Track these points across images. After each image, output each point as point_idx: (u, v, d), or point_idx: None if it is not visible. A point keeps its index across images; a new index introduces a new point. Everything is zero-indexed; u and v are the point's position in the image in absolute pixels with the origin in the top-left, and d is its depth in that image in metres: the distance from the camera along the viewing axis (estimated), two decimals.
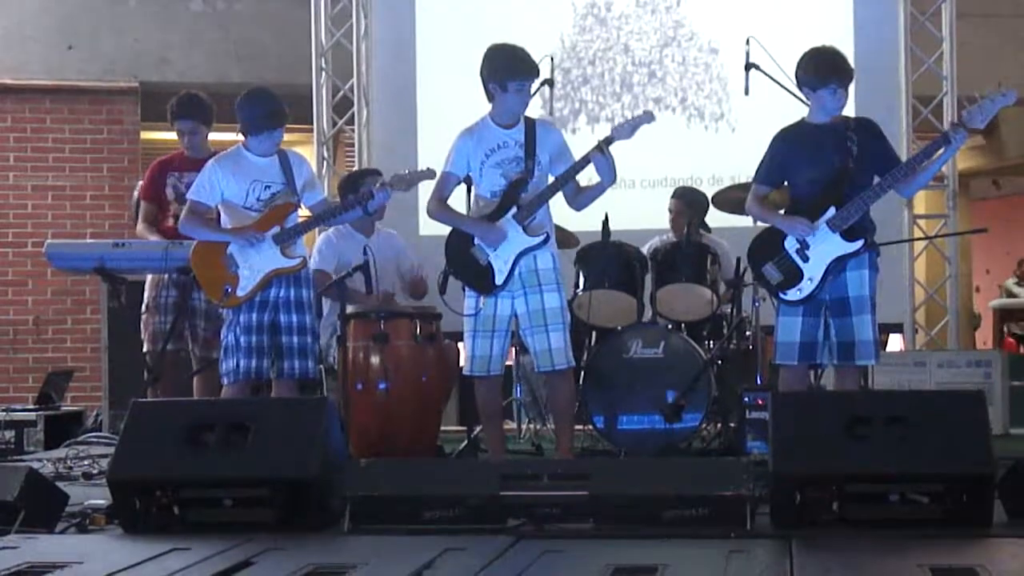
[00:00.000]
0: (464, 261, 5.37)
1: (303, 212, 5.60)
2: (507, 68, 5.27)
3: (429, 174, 5.57)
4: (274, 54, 10.14)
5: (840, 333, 5.08)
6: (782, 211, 5.27)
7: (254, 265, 5.38)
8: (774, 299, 5.24)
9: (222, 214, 5.51)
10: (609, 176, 5.27)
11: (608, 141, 5.24)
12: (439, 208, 5.42)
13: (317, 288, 6.03)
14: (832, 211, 5.04)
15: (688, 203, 6.91)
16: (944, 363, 7.50)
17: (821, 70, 5.09)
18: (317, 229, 6.11)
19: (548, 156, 5.35)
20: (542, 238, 5.30)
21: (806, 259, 5.09)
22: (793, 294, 5.12)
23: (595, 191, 5.40)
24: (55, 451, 6.52)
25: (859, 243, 5.05)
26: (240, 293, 5.38)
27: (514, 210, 5.28)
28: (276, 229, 5.40)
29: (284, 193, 5.45)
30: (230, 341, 5.42)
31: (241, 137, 5.54)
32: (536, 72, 5.38)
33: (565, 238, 6.30)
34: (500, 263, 5.30)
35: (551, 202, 5.39)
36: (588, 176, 5.38)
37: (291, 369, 5.42)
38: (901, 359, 7.67)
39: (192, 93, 6.37)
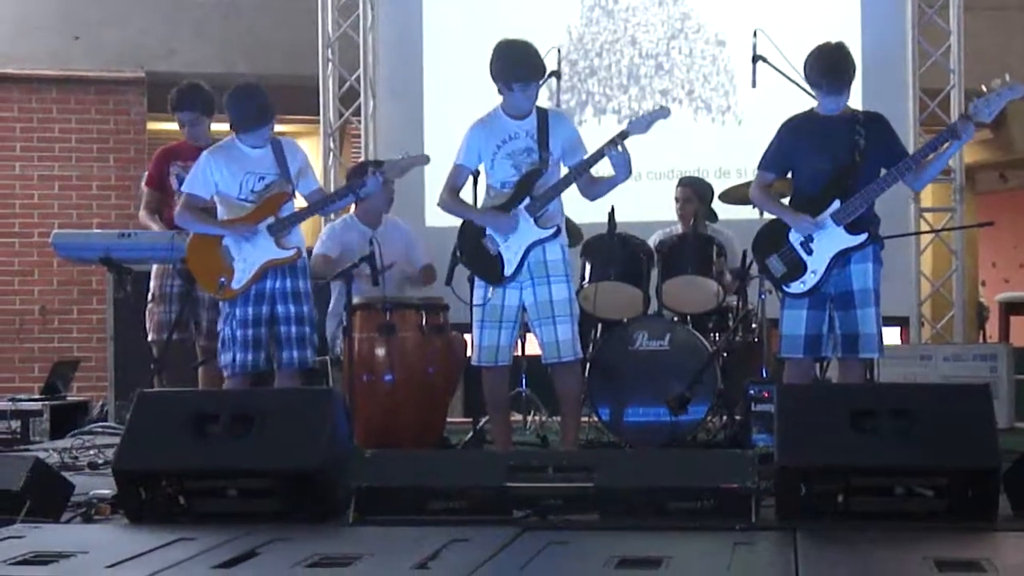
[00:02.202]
0: (475, 251, 5.36)
1: (301, 201, 5.58)
2: (512, 70, 5.23)
3: (423, 159, 5.58)
4: (281, 45, 10.11)
5: (844, 326, 5.08)
6: (786, 199, 5.26)
7: (248, 257, 5.39)
8: (778, 292, 5.23)
9: (218, 206, 5.50)
10: (624, 171, 5.23)
11: (623, 135, 5.20)
12: (452, 200, 5.41)
13: (317, 272, 6.00)
14: (837, 204, 5.03)
15: (696, 191, 6.89)
16: (950, 356, 7.51)
17: (815, 72, 5.08)
18: (323, 218, 6.09)
19: (561, 148, 5.32)
20: (552, 230, 5.29)
21: (810, 252, 5.08)
22: (796, 287, 5.12)
23: (608, 184, 5.36)
24: (61, 441, 6.54)
25: (863, 236, 5.05)
26: (235, 285, 5.39)
27: (527, 201, 5.27)
28: (271, 219, 5.40)
29: (278, 183, 5.44)
30: (227, 335, 5.43)
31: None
32: (542, 72, 5.35)
33: (571, 233, 6.27)
34: (510, 254, 5.28)
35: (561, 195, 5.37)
36: (598, 168, 5.33)
37: (290, 359, 5.42)
38: (907, 352, 7.66)
39: (193, 83, 6.34)
